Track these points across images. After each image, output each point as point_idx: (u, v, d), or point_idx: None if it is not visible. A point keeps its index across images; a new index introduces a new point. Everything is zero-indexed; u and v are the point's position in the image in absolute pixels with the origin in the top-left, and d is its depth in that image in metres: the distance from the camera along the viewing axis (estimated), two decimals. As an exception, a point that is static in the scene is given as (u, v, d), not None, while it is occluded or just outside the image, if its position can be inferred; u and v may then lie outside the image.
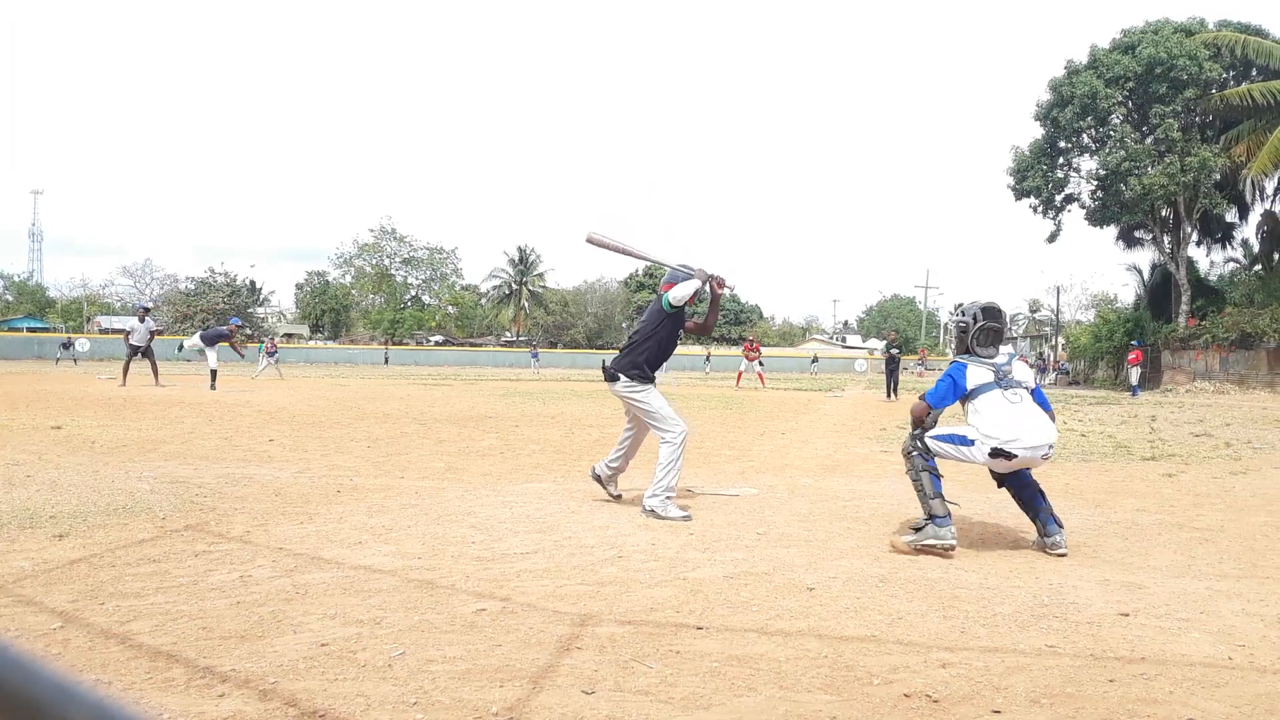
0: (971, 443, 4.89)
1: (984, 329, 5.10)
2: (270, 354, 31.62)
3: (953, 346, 5.37)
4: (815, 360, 58.66)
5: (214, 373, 20.03)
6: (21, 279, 77.48)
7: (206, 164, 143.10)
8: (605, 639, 3.20)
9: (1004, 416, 4.81)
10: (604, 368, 6.22)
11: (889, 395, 23.09)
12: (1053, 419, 5.01)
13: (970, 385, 5.00)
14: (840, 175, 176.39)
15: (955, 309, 5.50)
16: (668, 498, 5.77)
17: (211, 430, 10.51)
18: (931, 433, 5.00)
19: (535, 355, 52.36)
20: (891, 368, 24.08)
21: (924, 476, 4.90)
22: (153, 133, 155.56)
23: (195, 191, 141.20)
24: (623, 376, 6.07)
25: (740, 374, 30.47)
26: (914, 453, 4.98)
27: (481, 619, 3.42)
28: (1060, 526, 4.89)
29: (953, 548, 4.66)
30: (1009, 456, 4.77)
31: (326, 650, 3.01)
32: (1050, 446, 4.85)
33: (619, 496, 6.32)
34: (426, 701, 2.60)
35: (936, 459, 4.96)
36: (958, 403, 5.11)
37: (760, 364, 30.65)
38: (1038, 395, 5.05)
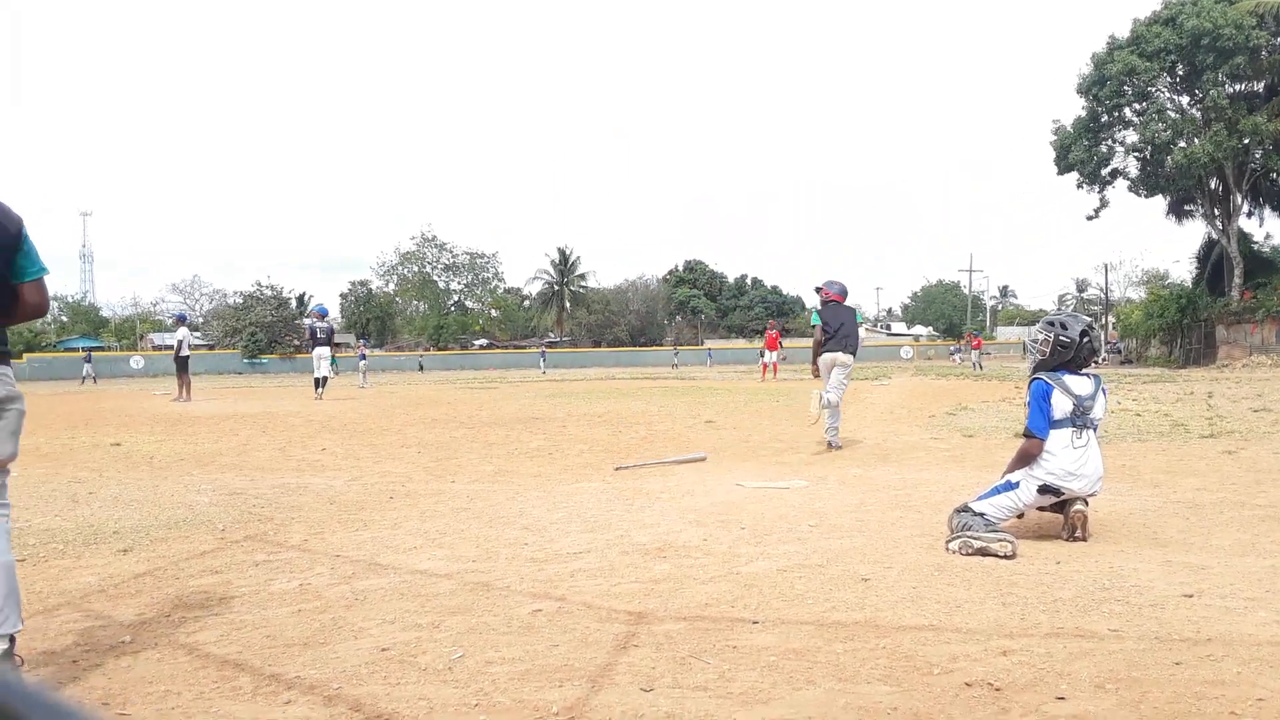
0: (1016, 485, 4.63)
1: (1088, 347, 4.72)
2: (361, 358, 32.20)
3: (1034, 360, 4.84)
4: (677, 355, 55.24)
5: (325, 380, 18.86)
6: (75, 300, 79.26)
7: (244, 180, 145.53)
8: (662, 636, 3.21)
9: (1065, 458, 4.56)
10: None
11: None
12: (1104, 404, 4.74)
13: (1055, 414, 4.62)
14: (882, 162, 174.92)
15: (1043, 323, 4.84)
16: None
17: (265, 441, 10.69)
18: (973, 501, 4.64)
19: (543, 355, 51.99)
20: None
21: (975, 521, 4.49)
22: (194, 151, 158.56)
23: (238, 207, 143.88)
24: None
25: (765, 366, 30.96)
26: (964, 525, 4.49)
27: (538, 619, 3.44)
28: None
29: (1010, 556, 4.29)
30: (1057, 494, 4.59)
31: (387, 655, 3.05)
32: (1099, 482, 4.65)
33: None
34: (488, 703, 2.62)
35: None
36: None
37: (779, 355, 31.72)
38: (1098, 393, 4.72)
